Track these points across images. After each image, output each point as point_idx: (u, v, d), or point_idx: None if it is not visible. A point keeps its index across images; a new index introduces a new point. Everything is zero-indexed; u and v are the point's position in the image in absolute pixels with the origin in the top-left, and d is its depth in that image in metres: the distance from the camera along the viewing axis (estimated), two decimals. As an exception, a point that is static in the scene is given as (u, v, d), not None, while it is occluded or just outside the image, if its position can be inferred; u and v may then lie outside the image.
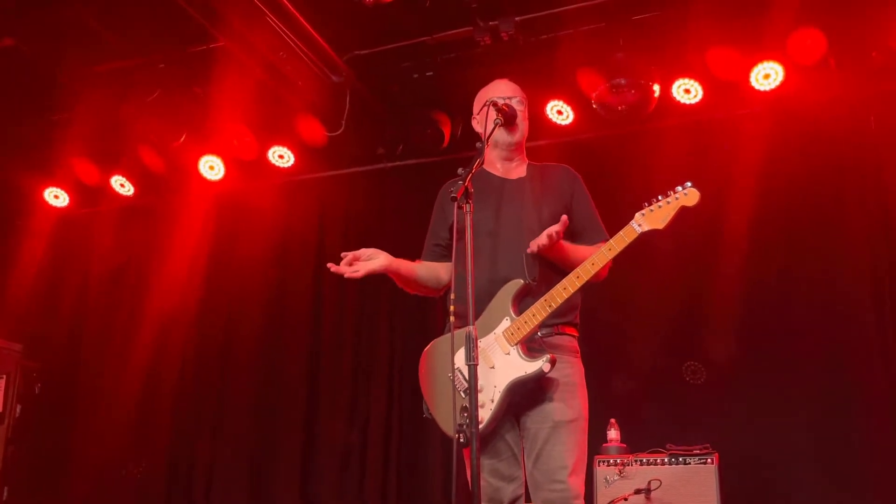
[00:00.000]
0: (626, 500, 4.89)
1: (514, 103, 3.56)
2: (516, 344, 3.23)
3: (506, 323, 3.27)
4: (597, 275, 3.26)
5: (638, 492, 4.89)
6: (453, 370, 3.22)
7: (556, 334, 3.36)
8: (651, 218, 3.16)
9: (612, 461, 5.05)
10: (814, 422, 5.51)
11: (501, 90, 3.64)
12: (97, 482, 7.06)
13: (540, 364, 3.16)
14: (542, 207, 3.47)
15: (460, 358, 3.10)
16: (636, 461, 5.01)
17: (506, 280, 3.33)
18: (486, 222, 3.44)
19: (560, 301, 3.21)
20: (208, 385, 7.19)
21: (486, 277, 3.33)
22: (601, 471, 5.03)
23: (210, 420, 7.10)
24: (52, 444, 7.26)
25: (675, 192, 3.18)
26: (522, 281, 3.30)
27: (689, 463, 4.91)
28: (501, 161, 3.64)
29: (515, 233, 3.42)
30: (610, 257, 3.19)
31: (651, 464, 4.97)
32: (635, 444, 5.21)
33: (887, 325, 5.52)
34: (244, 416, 6.99)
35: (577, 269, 3.22)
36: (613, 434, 5.24)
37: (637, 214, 3.19)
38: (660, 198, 3.19)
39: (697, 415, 5.70)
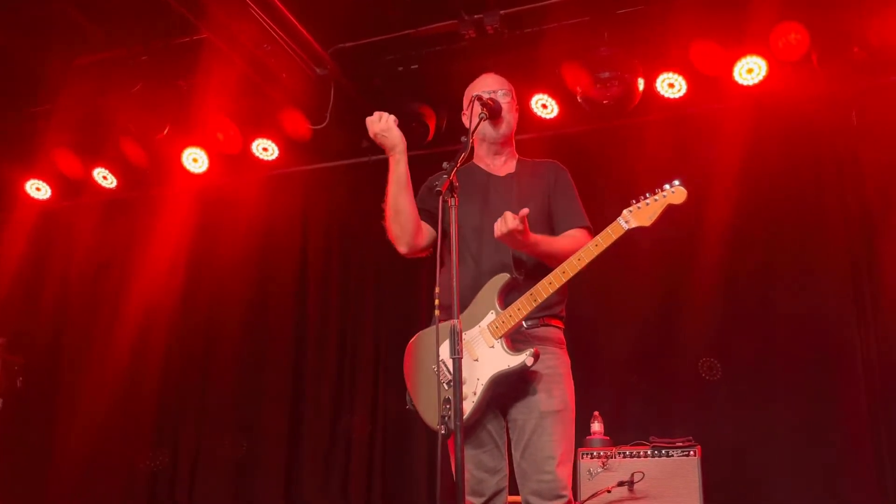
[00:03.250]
0: (609, 492, 4.92)
1: (500, 96, 3.57)
2: (500, 337, 3.25)
3: (491, 316, 3.29)
4: None
5: (621, 484, 4.91)
6: (438, 362, 3.24)
7: (542, 325, 3.39)
8: (638, 215, 3.18)
9: (595, 454, 5.07)
10: (794, 414, 5.56)
11: (487, 84, 3.65)
12: (80, 477, 7.02)
13: (523, 358, 3.18)
14: (527, 204, 3.44)
15: (445, 350, 3.10)
16: (619, 454, 5.04)
17: (491, 275, 3.35)
18: (473, 218, 3.45)
19: (545, 295, 3.24)
20: (191, 381, 7.15)
21: (472, 272, 3.37)
22: (584, 463, 5.06)
23: (193, 417, 7.06)
24: (34, 439, 7.22)
25: (662, 190, 3.20)
26: (508, 275, 3.32)
27: (672, 455, 4.94)
28: (490, 156, 3.66)
29: None
30: (596, 253, 3.20)
31: (634, 456, 5.00)
32: (618, 436, 5.24)
33: (866, 319, 5.57)
34: (227, 413, 6.97)
35: (563, 265, 3.24)
36: (597, 427, 5.27)
37: (624, 211, 3.21)
38: (647, 195, 3.20)
39: (680, 408, 5.73)
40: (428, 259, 3.92)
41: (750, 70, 5.68)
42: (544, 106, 6.16)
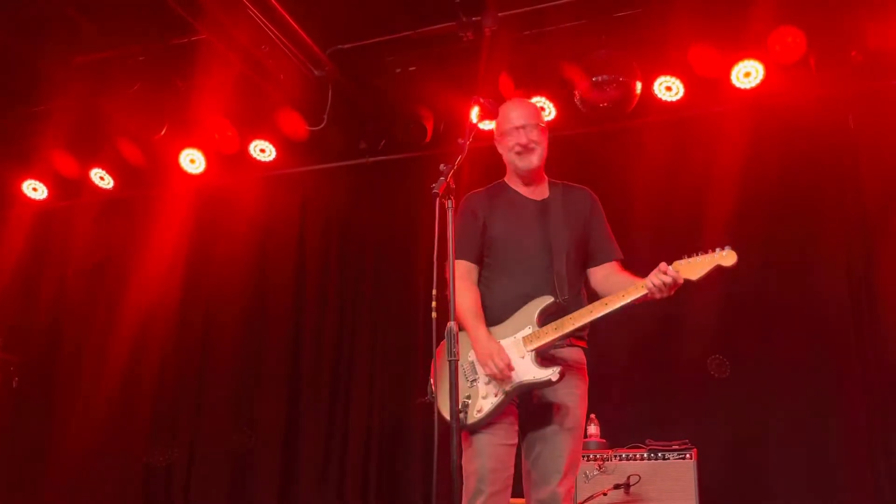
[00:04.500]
0: (605, 494, 4.92)
1: (530, 132, 3.60)
2: (532, 350, 3.36)
3: (528, 330, 3.40)
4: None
5: (617, 487, 4.92)
6: (465, 362, 3.34)
7: (568, 346, 3.51)
8: (688, 268, 3.30)
9: (591, 456, 5.07)
10: (791, 417, 5.57)
11: (516, 116, 3.65)
12: (76, 475, 7.01)
13: (549, 374, 3.32)
14: (565, 230, 3.58)
15: (472, 353, 3.36)
16: (615, 456, 5.04)
17: (533, 297, 3.45)
18: (515, 240, 3.56)
19: (583, 322, 3.36)
20: (187, 381, 7.14)
21: (515, 293, 3.48)
22: (581, 466, 5.05)
23: (189, 417, 7.06)
24: (29, 438, 7.21)
25: (713, 251, 3.30)
26: (553, 298, 3.43)
27: (668, 458, 4.95)
28: (523, 181, 3.71)
29: (544, 253, 3.53)
30: (642, 293, 3.31)
31: (630, 459, 5.01)
32: (615, 439, 5.25)
33: (863, 320, 5.58)
34: (223, 413, 6.96)
35: (606, 298, 3.38)
36: (593, 430, 5.27)
37: (675, 262, 3.33)
38: (699, 252, 3.32)
39: (676, 411, 5.73)
40: (424, 261, 3.94)
41: (747, 73, 5.69)
42: (542, 108, 6.15)
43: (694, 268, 3.29)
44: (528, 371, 3.34)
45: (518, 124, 3.62)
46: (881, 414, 5.42)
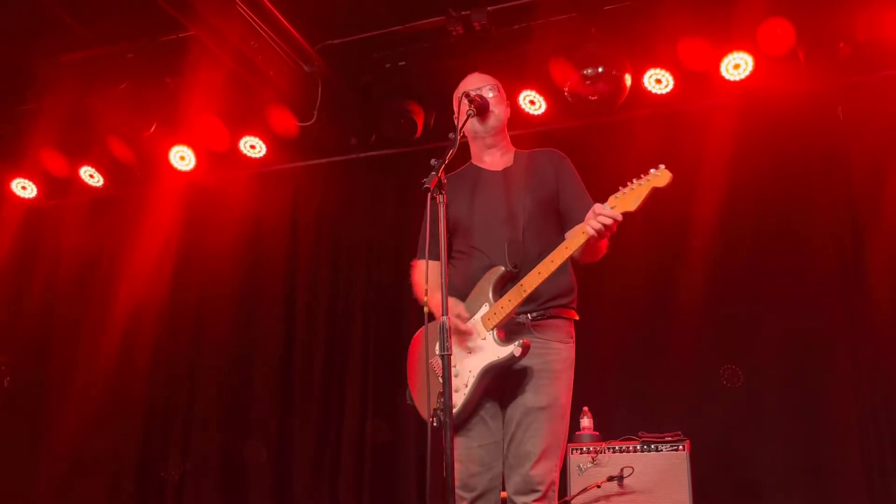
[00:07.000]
0: (598, 487, 4.94)
1: (484, 92, 3.58)
2: (492, 329, 3.26)
3: (485, 308, 3.31)
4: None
5: (611, 479, 4.93)
6: (434, 357, 3.25)
7: (548, 317, 3.37)
8: (623, 200, 3.16)
9: (584, 449, 5.09)
10: (783, 409, 5.59)
11: (472, 83, 3.67)
12: (68, 476, 6.99)
13: (511, 349, 3.19)
14: (525, 195, 3.48)
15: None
16: (609, 449, 5.05)
17: (483, 269, 3.36)
18: (472, 214, 3.48)
19: (535, 285, 3.23)
20: (179, 380, 7.12)
21: (475, 266, 3.38)
22: (574, 459, 5.07)
23: (181, 417, 7.03)
24: (22, 438, 7.18)
25: (646, 175, 3.17)
26: (503, 268, 3.33)
27: (661, 450, 4.96)
28: (484, 150, 3.66)
29: (498, 222, 3.45)
30: (583, 240, 3.18)
31: (623, 451, 5.02)
32: (608, 431, 5.26)
33: (854, 312, 5.61)
34: (216, 413, 6.95)
35: (552, 254, 3.24)
36: (586, 422, 5.29)
37: (610, 197, 3.19)
38: (633, 180, 3.18)
39: (669, 402, 5.75)
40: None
41: (737, 66, 5.70)
42: (532, 102, 6.16)
43: (629, 199, 3.13)
44: (490, 352, 3.23)
45: (476, 87, 3.60)
46: (872, 405, 5.45)
